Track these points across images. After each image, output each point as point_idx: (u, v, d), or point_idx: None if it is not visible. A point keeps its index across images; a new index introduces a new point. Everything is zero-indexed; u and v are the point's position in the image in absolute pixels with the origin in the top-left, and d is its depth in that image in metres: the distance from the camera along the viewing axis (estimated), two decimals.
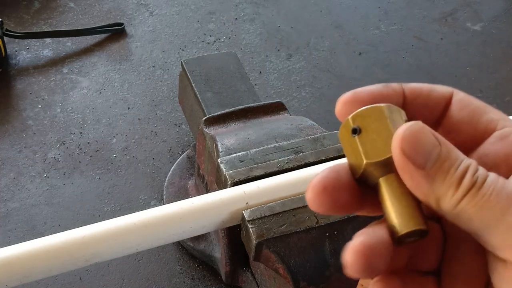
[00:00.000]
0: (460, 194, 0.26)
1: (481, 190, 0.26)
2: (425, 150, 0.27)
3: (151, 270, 0.81)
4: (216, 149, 0.70)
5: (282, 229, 0.60)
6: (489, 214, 0.26)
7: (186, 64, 0.86)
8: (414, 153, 0.27)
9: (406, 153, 0.27)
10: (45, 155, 0.93)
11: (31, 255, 0.54)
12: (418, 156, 0.27)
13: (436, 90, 0.31)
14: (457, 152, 0.27)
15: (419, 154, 0.27)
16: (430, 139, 0.27)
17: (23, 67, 1.07)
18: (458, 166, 0.27)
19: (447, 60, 1.14)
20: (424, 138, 0.27)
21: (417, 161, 0.27)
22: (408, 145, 0.27)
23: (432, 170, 0.27)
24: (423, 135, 0.27)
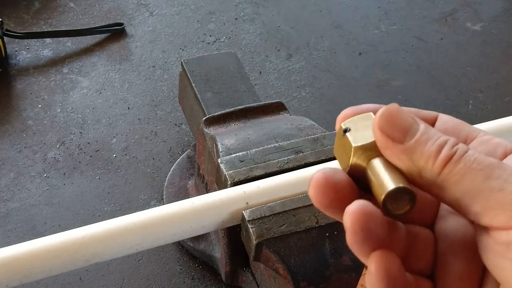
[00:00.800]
0: (439, 163, 0.28)
1: (462, 158, 0.27)
2: (402, 126, 0.29)
3: (151, 270, 0.81)
4: (216, 149, 0.70)
5: (282, 229, 0.60)
6: (472, 180, 0.27)
7: (186, 64, 0.86)
8: (392, 130, 0.29)
9: (384, 130, 0.29)
10: (45, 155, 0.93)
11: (31, 255, 0.54)
12: (396, 132, 0.29)
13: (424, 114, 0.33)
14: (435, 130, 0.29)
15: (397, 130, 0.29)
16: (407, 116, 0.29)
17: (23, 67, 1.07)
18: (436, 139, 0.28)
19: (447, 60, 1.14)
20: (400, 116, 0.29)
21: (396, 137, 0.29)
22: (386, 123, 0.29)
23: (410, 143, 0.28)
24: (400, 114, 0.29)
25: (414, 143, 0.28)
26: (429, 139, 0.28)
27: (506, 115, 0.71)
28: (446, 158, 0.27)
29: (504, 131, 0.68)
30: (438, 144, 0.28)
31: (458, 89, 1.08)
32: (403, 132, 0.28)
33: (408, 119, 0.29)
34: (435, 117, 0.33)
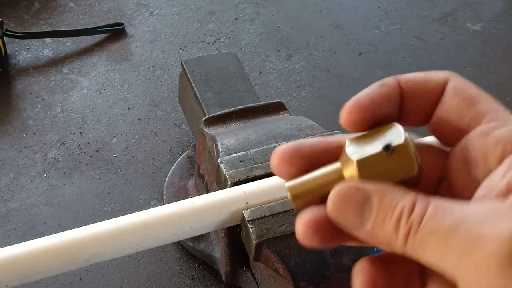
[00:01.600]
0: (400, 241, 0.27)
1: (417, 233, 0.26)
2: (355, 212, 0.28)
3: (151, 270, 0.81)
4: (216, 149, 0.70)
5: (282, 229, 0.60)
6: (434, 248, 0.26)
7: (186, 64, 0.86)
8: (346, 220, 0.28)
9: (342, 224, 0.28)
10: (45, 155, 0.93)
11: (31, 255, 0.54)
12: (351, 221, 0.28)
13: (432, 78, 0.31)
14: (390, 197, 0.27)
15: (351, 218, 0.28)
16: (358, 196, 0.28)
17: (23, 67, 1.07)
18: (392, 214, 0.27)
19: (447, 60, 1.14)
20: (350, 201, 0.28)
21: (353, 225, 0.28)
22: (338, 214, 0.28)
23: (368, 228, 0.28)
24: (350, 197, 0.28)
25: (372, 228, 0.28)
26: (385, 217, 0.27)
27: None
28: (405, 235, 0.27)
29: None
30: (395, 219, 0.27)
31: None
32: (358, 216, 0.28)
33: (359, 197, 0.28)
34: (445, 82, 0.31)
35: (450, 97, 0.30)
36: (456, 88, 0.30)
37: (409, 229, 0.26)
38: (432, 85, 0.31)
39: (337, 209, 0.28)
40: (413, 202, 0.27)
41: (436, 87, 0.31)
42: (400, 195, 0.27)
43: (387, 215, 0.27)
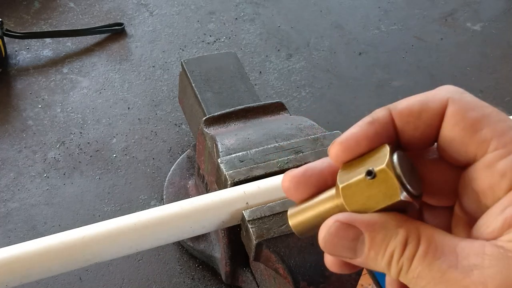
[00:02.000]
0: (393, 274, 0.27)
1: (408, 274, 0.27)
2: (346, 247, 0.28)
3: (151, 270, 0.81)
4: (216, 149, 0.70)
5: (282, 229, 0.60)
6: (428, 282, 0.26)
7: (186, 64, 0.86)
8: (340, 253, 0.28)
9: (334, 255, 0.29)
10: (45, 155, 0.93)
11: (31, 255, 0.54)
12: (344, 254, 0.28)
13: (428, 105, 0.29)
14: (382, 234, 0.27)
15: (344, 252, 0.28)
16: (348, 234, 0.28)
17: (23, 67, 1.07)
18: (384, 251, 0.27)
19: (447, 60, 1.14)
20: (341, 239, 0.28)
21: (346, 257, 0.28)
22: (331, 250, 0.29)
23: (362, 260, 0.28)
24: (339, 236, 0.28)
25: (365, 261, 0.28)
26: (377, 254, 0.27)
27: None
28: (397, 273, 0.27)
29: None
30: (386, 261, 0.27)
31: None
32: (351, 252, 0.28)
33: (350, 235, 0.28)
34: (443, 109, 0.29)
35: (452, 127, 0.28)
36: (456, 114, 0.28)
37: (400, 269, 0.27)
38: (428, 114, 0.29)
39: (329, 247, 0.29)
40: (404, 241, 0.27)
41: (434, 116, 0.29)
42: (392, 232, 0.27)
43: (378, 253, 0.27)
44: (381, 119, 0.29)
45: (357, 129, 0.29)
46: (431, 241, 0.27)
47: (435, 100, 0.29)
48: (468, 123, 0.28)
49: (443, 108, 0.29)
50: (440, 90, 0.29)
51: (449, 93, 0.29)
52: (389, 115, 0.29)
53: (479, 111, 0.28)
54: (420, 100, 0.29)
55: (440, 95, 0.29)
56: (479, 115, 0.28)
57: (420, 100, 0.29)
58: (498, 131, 0.27)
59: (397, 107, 0.29)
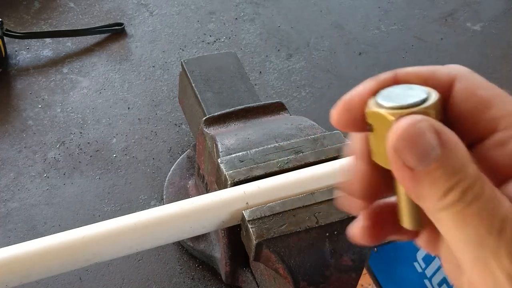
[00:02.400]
0: (442, 203, 0.25)
1: (465, 209, 0.24)
2: (420, 152, 0.25)
3: (151, 270, 0.81)
4: (216, 149, 0.70)
5: (282, 229, 0.60)
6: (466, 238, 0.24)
7: (186, 64, 0.86)
8: (407, 154, 0.25)
9: (398, 153, 0.25)
10: (45, 155, 0.93)
11: (31, 255, 0.54)
12: (410, 157, 0.25)
13: (435, 74, 0.28)
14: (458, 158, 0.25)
15: (412, 155, 0.25)
16: (429, 140, 0.25)
17: (23, 67, 1.07)
18: (451, 176, 0.25)
19: (447, 60, 1.14)
20: (422, 139, 0.25)
21: (408, 162, 0.25)
22: (403, 145, 0.25)
23: (421, 173, 0.25)
24: (421, 135, 0.25)
25: (424, 174, 0.25)
26: (443, 175, 0.25)
27: None
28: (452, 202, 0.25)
29: None
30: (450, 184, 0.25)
31: None
32: (419, 157, 0.25)
33: (431, 141, 0.25)
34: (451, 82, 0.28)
35: (460, 102, 0.28)
36: (465, 90, 0.28)
37: (458, 199, 0.24)
38: (435, 83, 0.28)
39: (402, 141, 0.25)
40: (476, 177, 0.25)
41: (441, 86, 0.28)
42: (467, 162, 0.25)
43: (444, 174, 0.25)
44: (386, 77, 0.29)
45: (359, 87, 0.29)
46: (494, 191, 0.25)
47: (443, 72, 0.28)
48: (478, 99, 0.27)
49: (450, 81, 0.28)
50: (449, 66, 0.29)
51: (458, 70, 0.28)
52: (394, 76, 0.29)
53: (489, 90, 0.28)
54: (428, 69, 0.28)
55: (448, 69, 0.28)
56: (489, 94, 0.28)
57: (428, 69, 0.28)
58: (508, 110, 0.27)
59: (404, 70, 0.29)
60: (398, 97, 0.26)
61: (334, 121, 0.29)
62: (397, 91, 0.27)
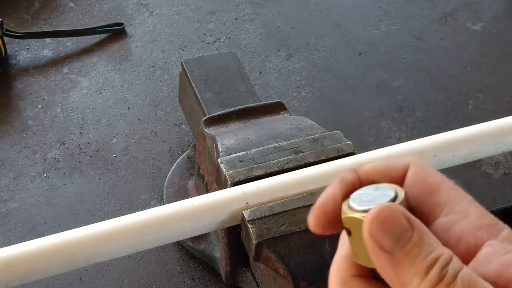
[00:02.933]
0: (425, 284, 0.25)
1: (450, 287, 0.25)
2: (394, 234, 0.26)
3: (151, 270, 0.81)
4: (216, 149, 0.70)
5: (282, 229, 0.60)
6: None
7: (186, 64, 0.86)
8: (382, 237, 0.26)
9: (374, 236, 0.27)
10: (45, 155, 0.93)
11: (31, 255, 0.54)
12: (386, 240, 0.26)
13: (392, 167, 0.30)
14: (430, 240, 0.26)
15: (387, 238, 0.26)
16: (402, 223, 0.27)
17: (23, 67, 1.07)
18: (427, 254, 0.26)
19: (447, 60, 1.14)
20: (394, 222, 0.27)
21: (384, 245, 0.26)
22: (377, 229, 0.27)
23: (399, 255, 0.26)
24: (394, 219, 0.27)
25: (402, 255, 0.26)
26: (419, 253, 0.26)
27: (506, 115, 0.71)
28: (434, 282, 0.25)
29: (504, 131, 0.68)
30: (429, 261, 0.26)
31: (458, 89, 1.08)
32: (394, 240, 0.26)
33: (402, 225, 0.26)
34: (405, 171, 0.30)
35: (411, 186, 0.30)
36: (415, 176, 0.30)
37: (440, 279, 0.25)
38: (392, 175, 0.30)
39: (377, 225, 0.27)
40: (451, 255, 0.26)
41: (397, 176, 0.30)
42: (437, 243, 0.27)
43: (422, 253, 0.26)
44: (349, 177, 0.30)
45: (328, 191, 0.30)
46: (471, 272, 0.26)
47: (399, 163, 0.30)
48: (426, 185, 0.29)
49: (405, 169, 0.30)
50: (403, 157, 0.31)
51: (411, 159, 0.31)
52: (356, 175, 0.31)
53: (437, 178, 0.30)
54: (384, 164, 0.31)
55: (403, 160, 0.31)
56: (437, 181, 0.30)
57: (385, 162, 0.31)
58: (452, 198, 0.29)
59: (363, 167, 0.31)
60: (369, 199, 0.28)
61: (311, 226, 0.30)
62: (367, 192, 0.29)
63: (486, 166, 0.96)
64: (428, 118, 1.03)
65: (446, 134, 0.68)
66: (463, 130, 0.68)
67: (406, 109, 1.04)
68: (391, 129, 1.00)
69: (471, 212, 0.28)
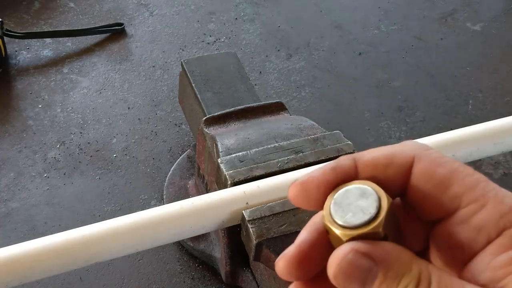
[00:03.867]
0: None
1: None
2: (358, 280, 0.27)
3: (151, 270, 0.81)
4: (216, 149, 0.70)
5: (282, 229, 0.60)
6: None
7: (186, 64, 0.86)
8: (348, 284, 0.27)
9: (341, 285, 0.27)
10: (45, 155, 0.94)
11: (31, 255, 0.54)
12: (353, 286, 0.27)
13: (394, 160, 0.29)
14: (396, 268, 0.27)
15: (354, 284, 0.27)
16: (363, 266, 0.27)
17: (23, 67, 1.07)
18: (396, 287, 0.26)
19: (447, 60, 1.14)
20: (355, 269, 0.27)
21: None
22: (342, 281, 0.27)
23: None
24: (354, 266, 0.27)
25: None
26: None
27: (506, 115, 0.71)
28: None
29: (504, 131, 0.68)
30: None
31: (458, 89, 1.08)
32: (361, 284, 0.27)
33: (364, 266, 0.27)
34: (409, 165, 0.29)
35: (421, 184, 0.29)
36: (425, 171, 0.29)
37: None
38: (394, 170, 0.29)
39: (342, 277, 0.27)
40: (418, 278, 0.26)
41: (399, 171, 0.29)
42: (405, 267, 0.27)
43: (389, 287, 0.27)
44: (345, 168, 0.29)
45: (319, 173, 0.30)
46: (441, 281, 0.26)
47: (401, 156, 0.29)
48: (438, 180, 0.28)
49: (409, 164, 0.29)
50: (405, 146, 0.30)
51: (414, 149, 0.29)
52: (353, 166, 0.30)
53: (447, 167, 0.28)
54: (385, 154, 0.29)
55: (405, 151, 0.29)
56: (448, 171, 0.28)
57: (386, 154, 0.29)
58: (468, 186, 0.28)
59: (363, 158, 0.30)
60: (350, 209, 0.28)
61: (289, 197, 0.30)
62: (350, 198, 0.29)
63: (486, 166, 0.96)
64: (428, 118, 1.03)
65: (446, 134, 0.68)
66: (463, 130, 0.68)
67: (406, 109, 1.04)
68: (391, 129, 1.00)
69: (489, 199, 0.27)
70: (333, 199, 0.29)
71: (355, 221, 0.28)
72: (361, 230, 0.28)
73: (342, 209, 0.28)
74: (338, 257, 0.27)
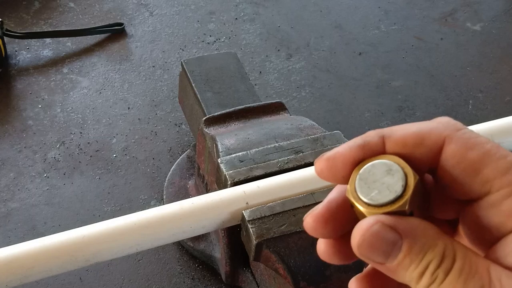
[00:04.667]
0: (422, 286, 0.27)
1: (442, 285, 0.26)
2: (383, 249, 0.27)
3: (151, 270, 0.81)
4: (216, 149, 0.70)
5: (282, 229, 0.60)
6: None
7: (186, 64, 0.86)
8: (371, 255, 0.27)
9: (365, 257, 0.27)
10: (45, 155, 0.93)
11: (31, 255, 0.54)
12: (376, 257, 0.27)
13: (424, 141, 0.29)
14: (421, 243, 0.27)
15: (377, 254, 0.27)
16: (388, 238, 0.27)
17: (23, 67, 1.07)
18: (418, 263, 0.27)
19: (447, 60, 1.14)
20: (380, 240, 0.27)
21: (376, 260, 0.27)
22: (366, 249, 0.27)
23: (392, 265, 0.27)
24: (379, 238, 0.27)
25: (395, 266, 0.27)
26: (412, 262, 0.27)
27: (506, 115, 0.71)
28: (429, 283, 0.26)
29: (504, 131, 0.68)
30: (421, 268, 0.26)
31: (458, 89, 1.08)
32: (384, 256, 0.27)
33: (389, 238, 0.27)
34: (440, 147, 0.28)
35: (451, 166, 0.28)
36: (456, 154, 0.28)
37: (432, 282, 0.26)
38: (424, 150, 0.29)
39: (366, 247, 0.27)
40: (442, 253, 0.26)
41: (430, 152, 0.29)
42: (431, 242, 0.27)
43: (413, 262, 0.27)
44: (372, 145, 0.29)
45: (346, 150, 0.29)
46: (466, 258, 0.26)
47: (432, 137, 0.29)
48: (469, 163, 0.28)
49: (439, 145, 0.28)
50: (438, 124, 0.29)
51: (446, 129, 0.29)
52: (381, 143, 0.29)
53: (479, 149, 0.28)
54: (416, 133, 0.29)
55: (437, 131, 0.29)
56: (479, 154, 0.28)
57: (417, 133, 0.29)
58: (500, 170, 0.27)
59: (392, 136, 0.29)
60: (376, 186, 0.28)
61: (316, 172, 0.30)
62: (376, 175, 0.28)
63: None
64: (428, 118, 1.01)
65: None
66: None
67: (406, 109, 1.04)
68: None
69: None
70: (358, 175, 0.29)
71: (381, 199, 0.28)
72: (387, 208, 0.27)
73: (367, 185, 0.28)
74: (363, 228, 0.27)
